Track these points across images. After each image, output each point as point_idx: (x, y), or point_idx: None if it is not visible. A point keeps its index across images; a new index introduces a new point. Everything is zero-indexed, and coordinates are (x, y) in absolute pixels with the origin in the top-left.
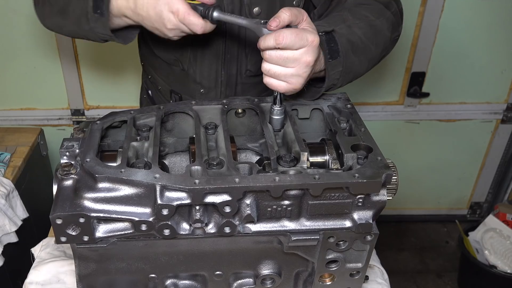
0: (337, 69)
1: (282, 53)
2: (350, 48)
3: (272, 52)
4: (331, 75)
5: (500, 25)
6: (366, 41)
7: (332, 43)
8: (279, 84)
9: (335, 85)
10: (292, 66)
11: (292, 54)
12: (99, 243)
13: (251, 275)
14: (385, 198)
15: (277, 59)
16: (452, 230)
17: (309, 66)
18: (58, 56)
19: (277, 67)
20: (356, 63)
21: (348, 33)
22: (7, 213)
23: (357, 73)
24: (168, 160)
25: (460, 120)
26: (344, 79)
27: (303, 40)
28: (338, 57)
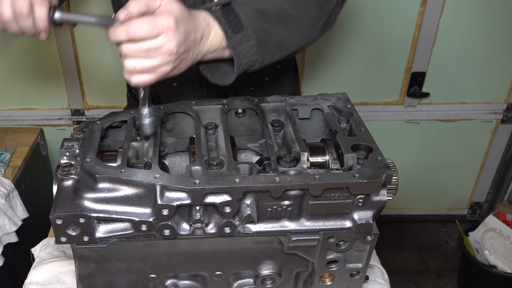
0: (246, 43)
1: (141, 45)
2: (259, 17)
3: (130, 45)
4: (241, 51)
5: (500, 25)
6: (284, 6)
7: (231, 15)
8: (148, 77)
9: (255, 62)
10: (155, 55)
11: (152, 44)
12: (99, 243)
13: (251, 275)
14: (385, 198)
15: (137, 52)
16: (452, 230)
17: (174, 53)
18: (58, 56)
19: (141, 60)
20: (275, 32)
21: (255, 1)
22: (7, 213)
23: (284, 44)
24: (168, 160)
25: (460, 120)
26: (267, 52)
27: (157, 27)
28: (243, 30)
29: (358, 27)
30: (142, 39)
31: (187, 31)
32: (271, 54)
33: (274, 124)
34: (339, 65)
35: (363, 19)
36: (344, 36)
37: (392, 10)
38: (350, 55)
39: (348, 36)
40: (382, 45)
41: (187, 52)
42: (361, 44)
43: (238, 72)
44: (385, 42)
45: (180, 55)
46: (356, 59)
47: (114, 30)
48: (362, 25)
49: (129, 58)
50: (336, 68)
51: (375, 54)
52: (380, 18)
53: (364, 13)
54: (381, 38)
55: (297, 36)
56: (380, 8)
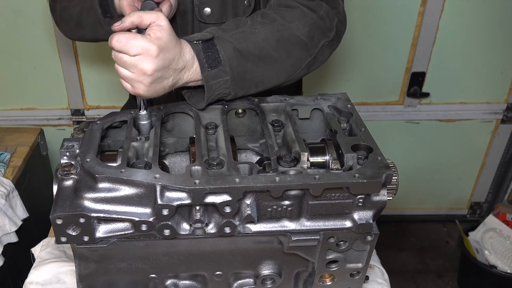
0: (221, 78)
1: (122, 56)
2: (238, 56)
3: (115, 53)
4: (214, 85)
5: (500, 25)
6: (266, 47)
7: (210, 51)
8: (127, 85)
9: (228, 94)
10: (132, 71)
11: (129, 60)
12: (99, 243)
13: (251, 275)
14: (386, 198)
15: (119, 61)
16: (452, 230)
17: (147, 75)
18: (58, 56)
19: (122, 69)
20: (252, 71)
21: (237, 40)
22: (7, 213)
23: (261, 81)
24: (168, 160)
25: (460, 120)
26: (241, 87)
27: (134, 47)
28: (219, 66)
29: (358, 27)
30: (121, 52)
31: (167, 60)
32: (246, 89)
33: (274, 124)
34: (339, 65)
35: (363, 19)
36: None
37: (392, 10)
38: (350, 55)
39: (348, 36)
40: (382, 45)
41: (165, 78)
42: (361, 44)
43: (209, 101)
44: (385, 42)
45: (156, 79)
46: (356, 59)
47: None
48: (362, 25)
49: (115, 62)
50: (336, 68)
51: (375, 54)
52: (380, 18)
53: (364, 13)
54: (381, 38)
55: (276, 75)
56: (380, 8)
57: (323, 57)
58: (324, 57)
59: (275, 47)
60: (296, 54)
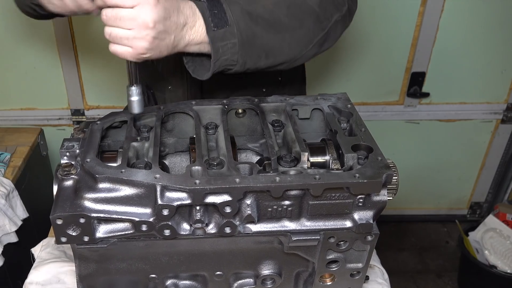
0: (228, 40)
1: (117, 11)
2: (247, 17)
3: (108, 11)
4: (221, 47)
5: (500, 25)
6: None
7: (216, 9)
8: (124, 50)
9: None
10: (130, 27)
11: (126, 13)
12: (100, 243)
13: (252, 275)
14: (386, 198)
15: (113, 19)
16: (452, 230)
17: (149, 27)
18: (58, 56)
19: (117, 29)
20: (262, 36)
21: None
22: (7, 213)
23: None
24: (169, 160)
25: (460, 120)
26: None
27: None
28: (226, 26)
29: (358, 27)
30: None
31: (167, 10)
32: (255, 58)
33: (274, 124)
34: (339, 65)
35: (363, 19)
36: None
37: (392, 10)
38: (350, 55)
39: (348, 36)
40: (382, 45)
41: (167, 33)
42: (361, 44)
43: (215, 68)
44: (385, 42)
45: (159, 34)
46: (356, 59)
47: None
48: (362, 25)
49: (107, 24)
50: (336, 68)
51: (375, 54)
52: (380, 18)
53: (364, 13)
54: (381, 38)
55: (288, 46)
56: (380, 8)
57: (336, 34)
58: (337, 34)
59: (286, 13)
60: (308, 24)
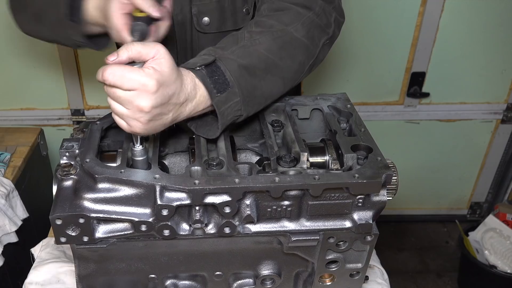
0: (232, 100)
1: (115, 91)
2: (245, 73)
3: (107, 87)
4: (225, 110)
5: (500, 25)
6: (271, 57)
7: (216, 75)
8: (122, 123)
9: (241, 116)
10: (127, 107)
11: (124, 95)
12: (99, 243)
13: (251, 275)
14: (385, 199)
15: (112, 96)
16: (452, 230)
17: (144, 112)
18: (58, 56)
19: (116, 104)
20: (261, 86)
21: (240, 56)
22: (7, 213)
23: (270, 94)
24: (168, 160)
25: (460, 120)
26: (252, 105)
27: (131, 81)
28: (228, 89)
29: (358, 27)
30: (114, 86)
31: (167, 96)
32: (256, 106)
33: (274, 124)
34: (339, 65)
35: (363, 19)
36: (344, 36)
37: (392, 10)
38: (350, 55)
39: (348, 36)
40: (382, 45)
41: (164, 114)
42: (361, 44)
43: (223, 128)
44: (385, 42)
45: (155, 117)
46: (356, 59)
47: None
48: (362, 25)
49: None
50: (336, 68)
51: (375, 54)
52: (380, 18)
53: (364, 13)
54: (381, 38)
55: (283, 84)
56: (380, 8)
57: (324, 55)
58: (325, 54)
59: (279, 55)
60: (300, 58)
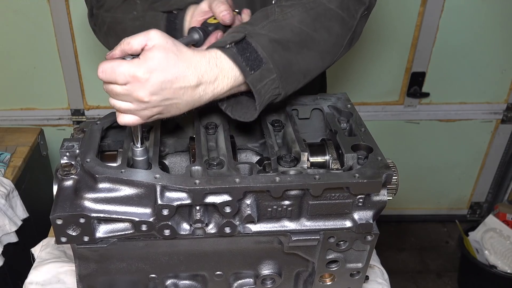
0: (267, 78)
1: (112, 88)
2: (278, 48)
3: (105, 86)
4: (262, 88)
5: (500, 25)
6: (305, 30)
7: (247, 52)
8: (132, 118)
9: (278, 95)
10: (128, 101)
11: (121, 90)
12: (100, 243)
13: (252, 275)
14: (386, 198)
15: (111, 93)
16: (452, 230)
17: (144, 102)
18: (58, 56)
19: (118, 101)
20: (297, 61)
21: (272, 31)
22: (7, 213)
23: (308, 70)
24: (168, 160)
25: (460, 120)
26: (290, 82)
27: (121, 75)
28: (262, 65)
29: None
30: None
31: (166, 81)
32: (295, 84)
33: (274, 124)
34: (339, 65)
35: None
36: None
37: (392, 10)
38: (350, 55)
39: None
40: (382, 45)
41: (171, 99)
42: (361, 44)
43: (261, 109)
44: (385, 42)
45: (160, 102)
46: (356, 59)
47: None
48: None
49: (110, 96)
50: (336, 68)
51: (375, 54)
52: (380, 18)
53: None
54: (381, 38)
55: (321, 59)
56: (380, 8)
57: (362, 28)
58: (362, 27)
59: (313, 27)
60: (335, 30)
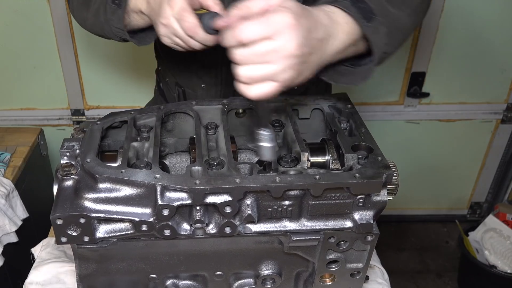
0: (378, 32)
1: (256, 48)
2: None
3: (243, 50)
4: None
5: (500, 25)
6: None
7: (360, 2)
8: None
9: (386, 53)
10: (275, 60)
11: (266, 47)
12: (100, 243)
13: (252, 275)
14: (386, 198)
15: (252, 57)
16: (452, 230)
17: (296, 55)
18: (58, 56)
19: (257, 67)
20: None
21: None
22: (7, 213)
23: (406, 30)
24: (169, 160)
25: (460, 120)
26: (394, 40)
27: (272, 25)
28: (373, 17)
29: None
30: (254, 42)
31: (308, 29)
32: (397, 44)
33: (275, 124)
34: None
35: None
36: None
37: None
38: None
39: None
40: None
41: (312, 54)
42: None
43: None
44: None
45: (304, 57)
46: None
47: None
48: None
49: (244, 65)
50: None
51: None
52: None
53: None
54: None
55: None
56: None
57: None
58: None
59: None
60: None
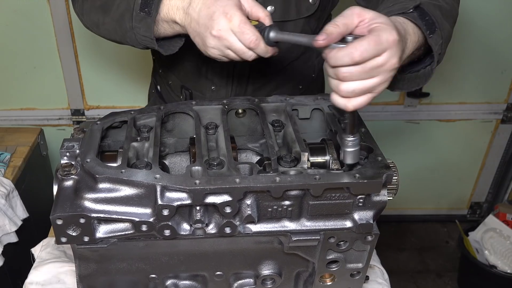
0: (437, 43)
1: (365, 65)
2: (440, 14)
3: (352, 68)
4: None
5: (500, 25)
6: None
7: (426, 16)
8: (366, 99)
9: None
10: (377, 75)
11: (376, 63)
12: (100, 243)
13: (252, 275)
14: (386, 199)
15: (361, 73)
16: (452, 230)
17: (395, 69)
18: (58, 56)
19: (363, 81)
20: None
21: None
22: (7, 213)
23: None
24: (169, 160)
25: (460, 120)
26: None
27: (382, 44)
28: (436, 29)
29: None
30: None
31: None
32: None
33: (275, 124)
34: None
35: None
36: None
37: None
38: None
39: None
40: None
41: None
42: None
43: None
44: None
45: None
46: None
47: (336, 55)
48: None
49: (349, 81)
50: None
51: None
52: None
53: None
54: None
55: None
56: None
57: None
58: None
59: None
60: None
